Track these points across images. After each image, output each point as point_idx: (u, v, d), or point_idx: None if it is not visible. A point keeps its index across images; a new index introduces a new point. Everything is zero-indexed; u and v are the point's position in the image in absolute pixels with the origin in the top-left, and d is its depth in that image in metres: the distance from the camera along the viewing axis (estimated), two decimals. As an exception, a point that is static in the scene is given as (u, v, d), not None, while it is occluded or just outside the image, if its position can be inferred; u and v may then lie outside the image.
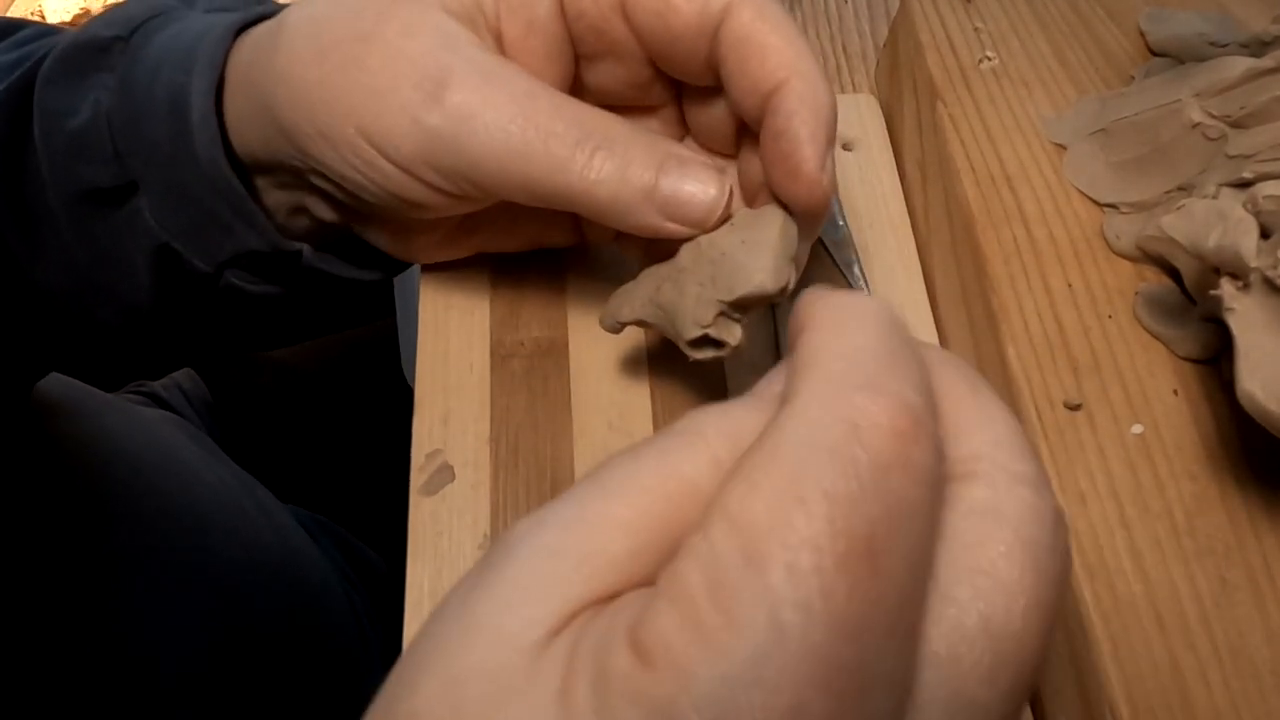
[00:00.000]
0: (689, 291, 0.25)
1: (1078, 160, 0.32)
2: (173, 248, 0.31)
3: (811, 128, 0.24)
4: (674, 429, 0.18)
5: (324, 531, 0.58)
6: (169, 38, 0.29)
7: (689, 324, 0.25)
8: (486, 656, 0.15)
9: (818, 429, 0.14)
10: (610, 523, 0.16)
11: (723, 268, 0.25)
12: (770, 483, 0.14)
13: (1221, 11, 0.35)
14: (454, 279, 0.33)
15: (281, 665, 0.46)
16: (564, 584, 0.15)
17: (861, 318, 0.16)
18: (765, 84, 0.24)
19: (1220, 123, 0.28)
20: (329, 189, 0.28)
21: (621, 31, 0.26)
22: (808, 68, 0.24)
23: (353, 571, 0.57)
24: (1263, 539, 0.25)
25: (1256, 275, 0.23)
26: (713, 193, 0.25)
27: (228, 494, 0.49)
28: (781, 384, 0.19)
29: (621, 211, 0.25)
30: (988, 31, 0.35)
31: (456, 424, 0.30)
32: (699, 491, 0.16)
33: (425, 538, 0.28)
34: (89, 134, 0.29)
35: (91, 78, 0.30)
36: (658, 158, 0.25)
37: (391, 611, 0.55)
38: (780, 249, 0.25)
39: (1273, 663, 0.23)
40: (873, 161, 0.37)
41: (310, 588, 0.51)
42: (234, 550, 0.46)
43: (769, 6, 0.25)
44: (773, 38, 0.24)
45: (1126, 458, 0.26)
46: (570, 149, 0.24)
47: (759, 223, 0.25)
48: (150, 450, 0.46)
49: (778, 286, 0.24)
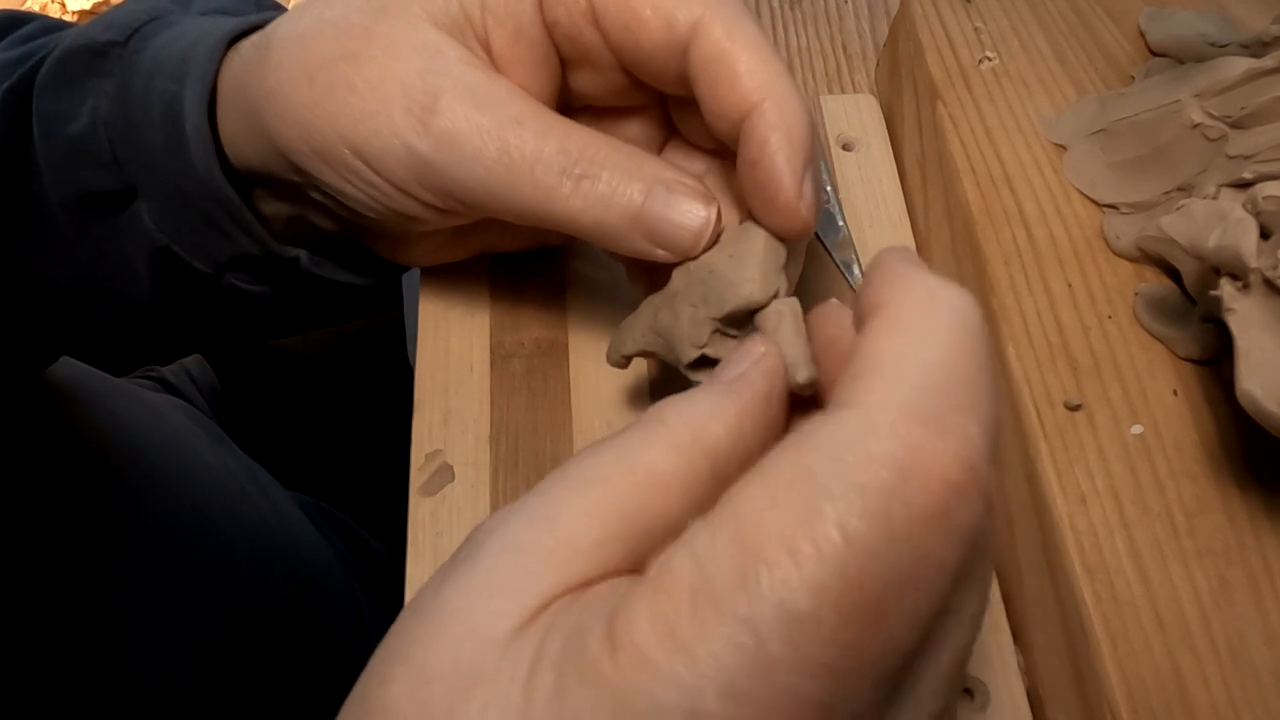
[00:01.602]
0: (683, 314, 0.25)
1: (1078, 160, 0.32)
2: (172, 250, 0.31)
3: (786, 154, 0.23)
4: (636, 421, 0.18)
5: (327, 519, 0.58)
6: (164, 44, 0.29)
7: (686, 346, 0.25)
8: (457, 648, 0.15)
9: (862, 459, 0.13)
10: (575, 513, 0.16)
11: (712, 286, 0.25)
12: (790, 502, 0.13)
13: (1221, 11, 0.35)
14: (454, 279, 0.33)
15: (280, 650, 0.47)
16: (532, 576, 0.15)
17: (949, 324, 0.15)
18: (737, 108, 0.23)
19: (1220, 123, 0.28)
20: (326, 202, 0.28)
21: (595, 41, 0.25)
22: (781, 89, 0.23)
23: (354, 559, 0.58)
24: (1263, 539, 0.25)
25: (1256, 275, 0.23)
26: (699, 220, 0.24)
27: (231, 479, 0.49)
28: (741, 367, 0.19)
29: (608, 237, 0.25)
30: (988, 31, 0.35)
31: (456, 424, 0.30)
32: (660, 478, 0.16)
33: (425, 538, 0.28)
34: (88, 140, 0.29)
35: (89, 83, 0.30)
36: (645, 183, 0.24)
37: (392, 600, 0.55)
38: (766, 259, 0.24)
39: (1273, 663, 0.23)
40: (873, 161, 0.37)
41: (311, 574, 0.51)
42: (236, 534, 0.47)
43: (740, 23, 0.24)
44: (744, 58, 0.23)
45: (1126, 458, 0.26)
46: (556, 176, 0.24)
47: (744, 236, 0.25)
48: (155, 434, 0.47)
49: (766, 296, 0.24)
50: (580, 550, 0.16)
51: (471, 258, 0.32)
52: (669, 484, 0.16)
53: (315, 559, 0.52)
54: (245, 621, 0.45)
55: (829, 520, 0.13)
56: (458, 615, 0.15)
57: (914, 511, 0.13)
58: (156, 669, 0.40)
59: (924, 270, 0.16)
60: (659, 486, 0.16)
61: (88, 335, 0.37)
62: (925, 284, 0.16)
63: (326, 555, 0.54)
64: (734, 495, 0.14)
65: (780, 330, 0.23)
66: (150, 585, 0.41)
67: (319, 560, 0.52)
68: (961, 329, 0.15)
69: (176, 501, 0.44)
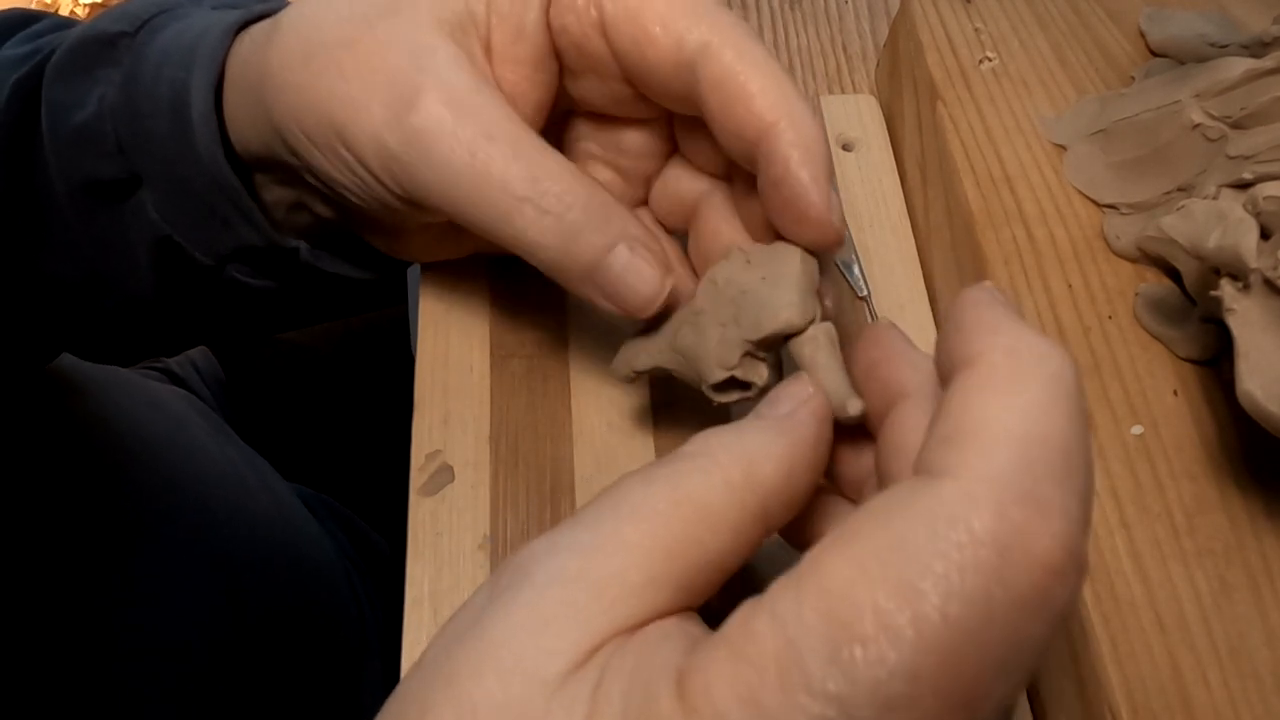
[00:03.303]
0: (710, 334, 0.25)
1: (1078, 161, 0.32)
2: (175, 240, 0.31)
3: (811, 171, 0.23)
4: (684, 452, 0.17)
5: (329, 512, 0.58)
6: (173, 34, 0.30)
7: (713, 367, 0.25)
8: (505, 686, 0.15)
9: (962, 537, 0.13)
10: (626, 548, 0.16)
11: (745, 306, 0.24)
12: (886, 576, 0.13)
13: (1221, 11, 0.35)
14: (454, 279, 0.33)
15: (279, 642, 0.47)
16: (584, 614, 0.15)
17: (1049, 389, 0.14)
18: (752, 129, 0.23)
19: (1220, 123, 0.28)
20: (320, 187, 0.28)
21: (602, 51, 0.25)
22: (795, 107, 0.23)
23: (355, 552, 0.58)
24: (1263, 539, 0.25)
25: (1256, 276, 0.23)
26: (652, 289, 0.24)
27: (233, 470, 0.50)
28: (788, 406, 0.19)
29: (559, 276, 0.25)
30: (988, 31, 0.35)
31: (456, 424, 0.30)
32: (713, 515, 0.16)
33: (425, 538, 0.28)
34: (94, 128, 0.30)
35: (98, 72, 0.30)
36: (609, 238, 0.24)
37: (392, 594, 0.55)
38: (803, 282, 0.24)
39: (1273, 663, 0.23)
40: (873, 161, 0.37)
41: (311, 566, 0.51)
42: (237, 526, 0.47)
43: (749, 46, 0.24)
44: (756, 80, 0.23)
45: (1126, 458, 0.26)
46: (516, 202, 0.24)
47: (777, 258, 0.24)
48: (157, 424, 0.47)
49: (805, 320, 0.23)
50: (632, 588, 0.15)
51: (471, 257, 0.32)
52: (720, 523, 0.16)
53: (316, 551, 0.52)
54: (245, 612, 0.45)
55: (928, 601, 0.12)
56: (505, 649, 0.15)
57: (1013, 595, 0.13)
58: (156, 658, 0.40)
59: (1019, 321, 0.15)
60: (710, 524, 0.16)
61: (90, 330, 0.37)
62: (1023, 339, 0.15)
63: (327, 547, 0.54)
64: (820, 559, 0.14)
65: (818, 358, 0.23)
66: (151, 576, 0.41)
67: (319, 552, 0.53)
68: (1061, 394, 0.14)
69: (178, 492, 0.45)
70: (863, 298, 0.34)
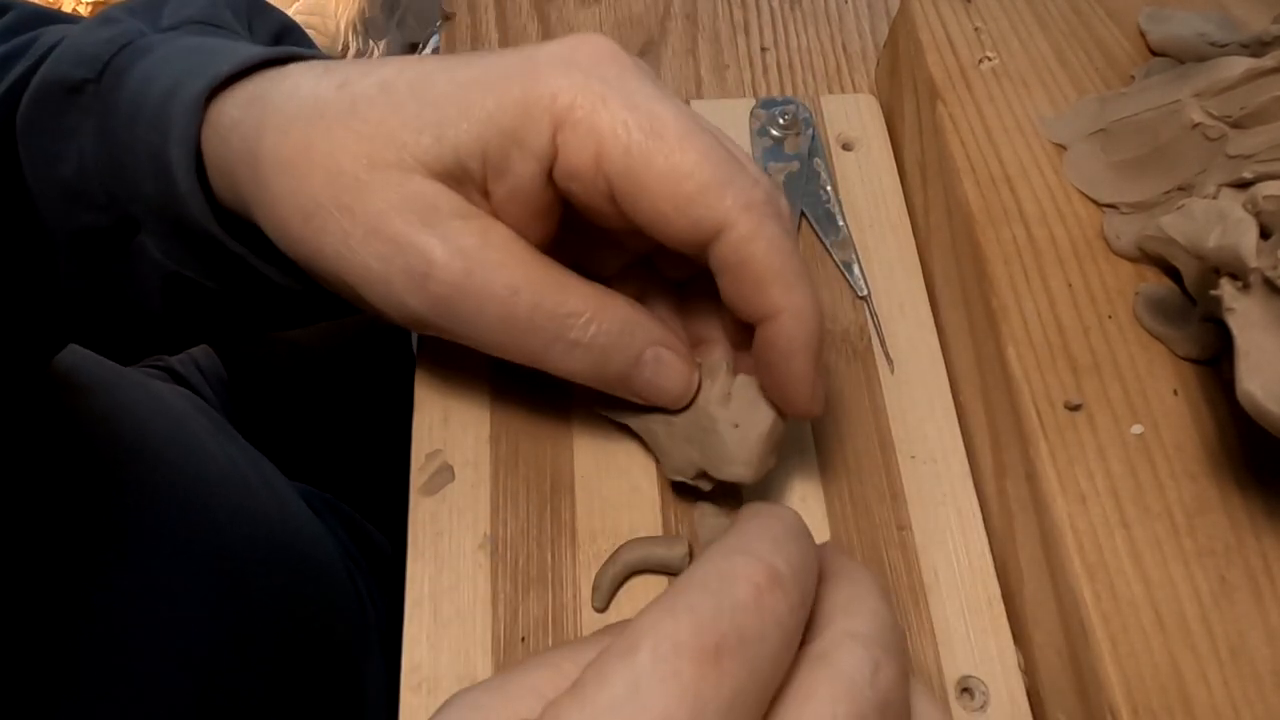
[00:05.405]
0: (675, 439, 0.27)
1: (1078, 160, 0.32)
2: (184, 275, 0.31)
3: (803, 363, 0.25)
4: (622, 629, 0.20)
5: (330, 510, 0.58)
6: (140, 81, 0.28)
7: (671, 468, 0.28)
8: None
9: (705, 574, 0.18)
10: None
11: (710, 443, 0.27)
12: (658, 605, 0.18)
13: (1221, 11, 0.35)
14: (454, 279, 0.33)
15: (280, 640, 0.47)
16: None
17: (772, 520, 0.20)
18: (758, 311, 0.25)
19: (1220, 123, 0.28)
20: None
21: (611, 213, 0.25)
22: (800, 301, 0.24)
23: (357, 551, 0.58)
24: (1263, 539, 0.25)
25: (1256, 275, 0.23)
26: (679, 388, 0.27)
27: (235, 469, 0.49)
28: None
29: (598, 386, 0.26)
30: (988, 31, 0.35)
31: (456, 424, 0.30)
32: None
33: (425, 538, 0.28)
34: (80, 183, 0.29)
35: (69, 121, 0.29)
36: (635, 351, 0.26)
37: (394, 592, 0.55)
38: (767, 445, 0.27)
39: (1273, 663, 0.23)
40: (873, 161, 0.37)
41: (313, 565, 0.51)
42: (239, 525, 0.47)
43: (767, 225, 0.24)
44: (769, 266, 0.24)
45: (1126, 458, 0.26)
46: (548, 342, 0.25)
47: (753, 414, 0.27)
48: (159, 422, 0.47)
49: (756, 479, 0.26)
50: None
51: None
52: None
53: (318, 550, 0.52)
54: (246, 611, 0.45)
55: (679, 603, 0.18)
56: None
57: (735, 599, 0.18)
58: (157, 657, 0.40)
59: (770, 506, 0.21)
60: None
61: (96, 328, 0.37)
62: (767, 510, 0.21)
63: (329, 546, 0.54)
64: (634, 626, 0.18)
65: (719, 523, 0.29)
66: (151, 574, 0.41)
67: (321, 551, 0.53)
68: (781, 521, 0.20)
69: (179, 490, 0.45)
70: (863, 298, 0.34)
